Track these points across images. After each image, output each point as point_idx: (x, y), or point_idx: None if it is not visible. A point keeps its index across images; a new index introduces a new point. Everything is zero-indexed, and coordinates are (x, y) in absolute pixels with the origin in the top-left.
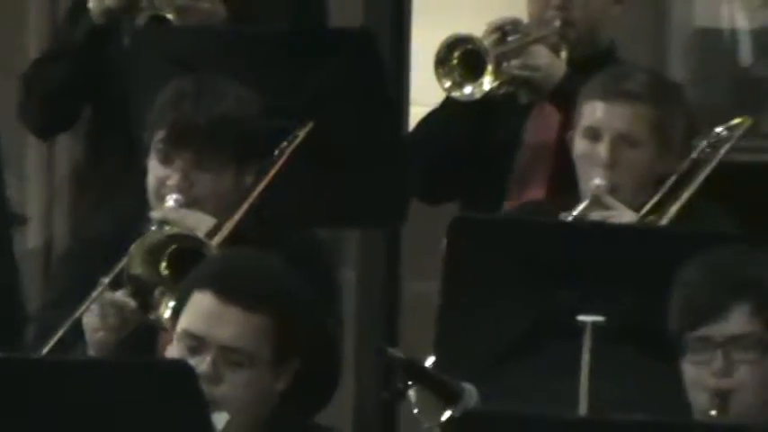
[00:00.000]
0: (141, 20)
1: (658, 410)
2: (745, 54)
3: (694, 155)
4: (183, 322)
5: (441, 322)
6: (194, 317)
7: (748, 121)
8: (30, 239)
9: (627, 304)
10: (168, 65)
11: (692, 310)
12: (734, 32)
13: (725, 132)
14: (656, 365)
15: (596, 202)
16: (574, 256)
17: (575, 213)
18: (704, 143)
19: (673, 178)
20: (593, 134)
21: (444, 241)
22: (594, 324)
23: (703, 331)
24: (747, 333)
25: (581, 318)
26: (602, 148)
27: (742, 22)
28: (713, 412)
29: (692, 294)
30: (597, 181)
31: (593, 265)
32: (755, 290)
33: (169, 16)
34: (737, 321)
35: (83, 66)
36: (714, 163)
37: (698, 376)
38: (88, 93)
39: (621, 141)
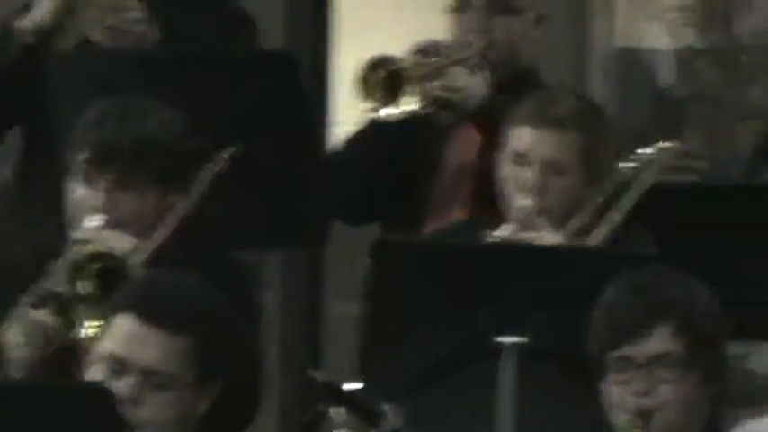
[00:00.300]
0: (70, 41)
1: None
2: (665, 74)
3: (621, 177)
4: (106, 344)
5: (363, 344)
6: (117, 339)
7: (676, 145)
8: None
9: (548, 325)
10: (92, 86)
11: (614, 330)
12: (654, 52)
13: (652, 155)
14: (578, 386)
15: (522, 225)
16: (495, 278)
17: (500, 235)
18: (631, 165)
19: (598, 202)
20: (521, 159)
21: (366, 263)
22: (516, 345)
23: (625, 351)
24: (668, 352)
25: (502, 339)
26: (530, 174)
27: (662, 41)
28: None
29: (613, 314)
30: (524, 202)
31: (514, 287)
32: (676, 309)
33: (98, 38)
34: (658, 341)
35: (10, 84)
36: (642, 187)
37: (620, 396)
38: (15, 112)
39: (549, 168)
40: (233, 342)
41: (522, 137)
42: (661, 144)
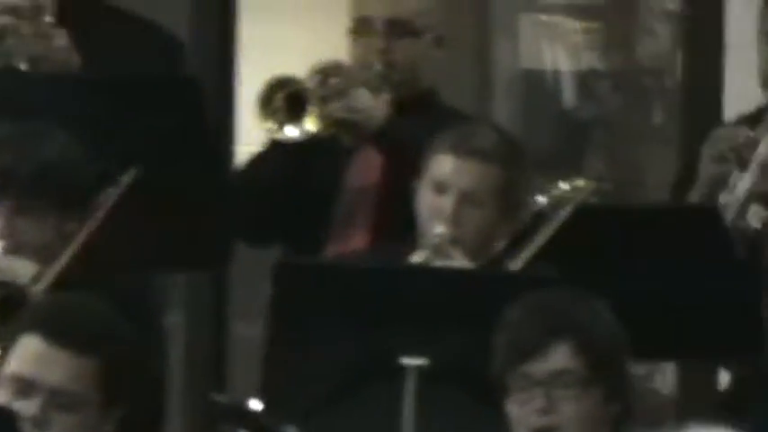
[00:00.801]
0: None
1: None
2: (568, 96)
3: (534, 209)
4: (11, 366)
5: (266, 365)
6: (22, 360)
7: (592, 185)
8: None
9: (451, 347)
10: None
11: (514, 349)
12: (557, 74)
13: (569, 192)
14: (482, 408)
15: (437, 251)
16: (398, 299)
17: (414, 262)
18: (546, 201)
19: (513, 234)
20: (440, 187)
21: (269, 285)
22: (418, 366)
23: (525, 369)
24: (568, 370)
25: (404, 360)
26: (447, 203)
27: (565, 64)
28: None
29: (513, 333)
30: (439, 230)
31: (417, 308)
32: (576, 328)
33: (22, 66)
34: (558, 358)
35: None
36: (555, 225)
37: (521, 415)
38: None
39: (466, 199)
40: (138, 364)
41: (442, 165)
42: (578, 182)
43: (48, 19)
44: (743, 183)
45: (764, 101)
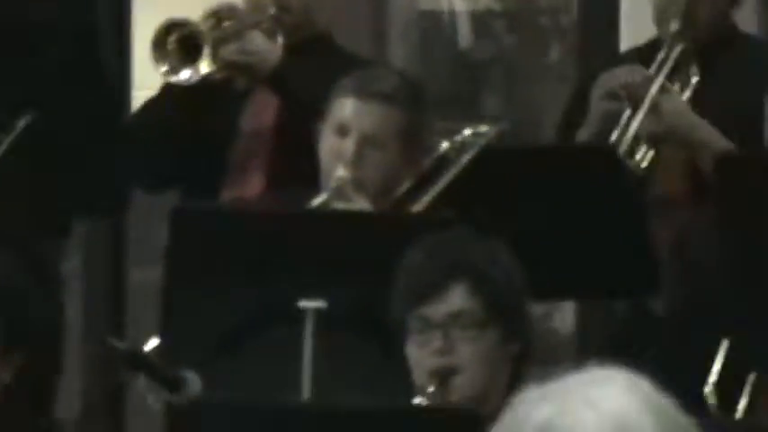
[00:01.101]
0: None
1: (383, 395)
2: (464, 37)
3: (437, 154)
4: None
5: (164, 311)
6: None
7: (494, 130)
8: None
9: (350, 290)
10: None
11: (412, 291)
12: (453, 15)
13: (470, 137)
14: (381, 351)
15: (338, 194)
16: (296, 243)
17: (315, 204)
18: (448, 145)
19: (415, 178)
20: (342, 130)
21: (166, 230)
22: (316, 310)
23: (423, 311)
24: (464, 310)
25: (303, 304)
26: (349, 145)
27: (461, 4)
28: (431, 389)
29: (411, 275)
30: (341, 172)
31: (315, 252)
32: (472, 269)
33: None
34: (455, 300)
35: None
36: (457, 169)
37: (419, 357)
38: None
39: (368, 141)
40: (35, 312)
41: (344, 107)
42: (480, 128)
43: None
44: (634, 122)
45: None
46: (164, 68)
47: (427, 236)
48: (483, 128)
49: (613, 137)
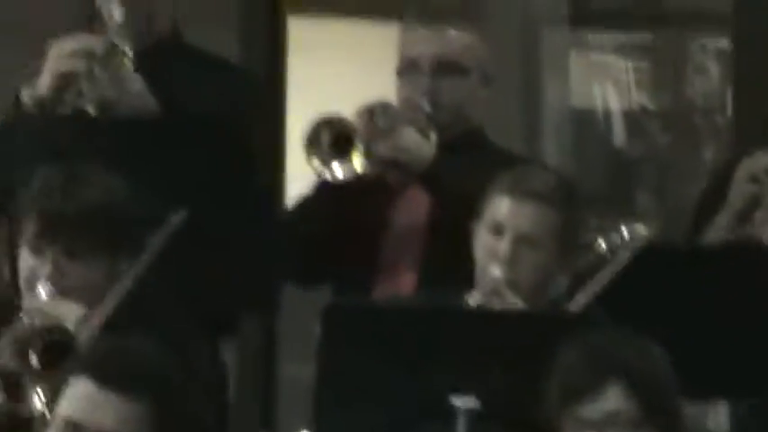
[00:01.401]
0: (63, 111)
1: None
2: (619, 135)
3: (593, 252)
4: (62, 410)
5: (316, 407)
6: (73, 404)
7: (651, 230)
8: None
9: (504, 388)
10: (41, 151)
11: (567, 390)
12: (607, 114)
13: (626, 235)
14: None
15: (493, 294)
16: (450, 341)
17: (470, 303)
18: (604, 245)
19: (568, 278)
20: (497, 229)
21: (319, 327)
22: (469, 407)
23: (578, 411)
24: (621, 411)
25: (456, 401)
26: (504, 245)
27: (615, 102)
28: None
29: (566, 375)
30: (496, 272)
31: (468, 350)
32: (628, 369)
33: (90, 110)
34: (611, 400)
35: None
36: (613, 268)
37: None
38: None
39: (523, 240)
40: (189, 407)
41: (500, 206)
42: (636, 226)
43: (126, 63)
44: None
45: None
46: (317, 164)
47: (582, 335)
48: (639, 227)
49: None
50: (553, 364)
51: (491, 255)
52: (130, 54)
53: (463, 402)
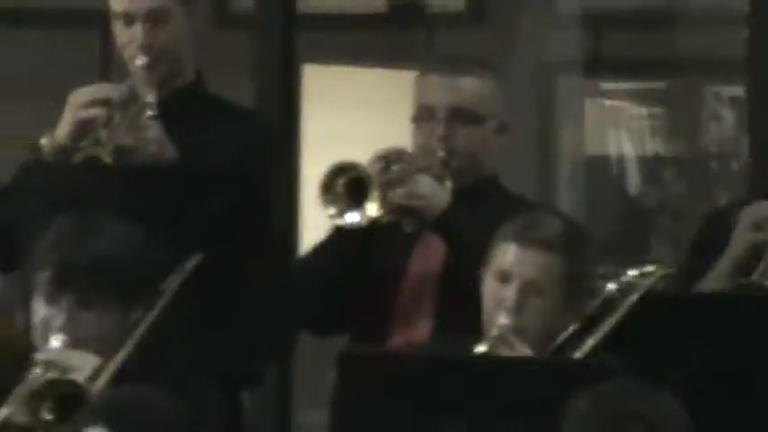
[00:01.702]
0: (78, 159)
1: None
2: (634, 182)
3: (602, 297)
4: None
5: None
6: None
7: (661, 271)
8: None
9: None
10: (56, 200)
11: None
12: (621, 160)
13: (635, 278)
14: None
15: (500, 342)
16: (462, 389)
17: (478, 352)
18: (614, 288)
19: (576, 325)
20: (503, 277)
21: (333, 374)
22: None
23: None
24: None
25: None
26: (510, 293)
27: (629, 149)
28: None
29: (577, 425)
30: (503, 320)
31: (481, 398)
32: (639, 419)
33: (106, 159)
34: None
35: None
36: (621, 313)
37: None
38: None
39: (530, 288)
40: None
41: (506, 254)
42: (647, 268)
43: (145, 110)
44: None
45: None
46: (332, 211)
47: (592, 384)
48: (649, 268)
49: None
50: (565, 412)
51: (498, 302)
52: (151, 101)
53: None
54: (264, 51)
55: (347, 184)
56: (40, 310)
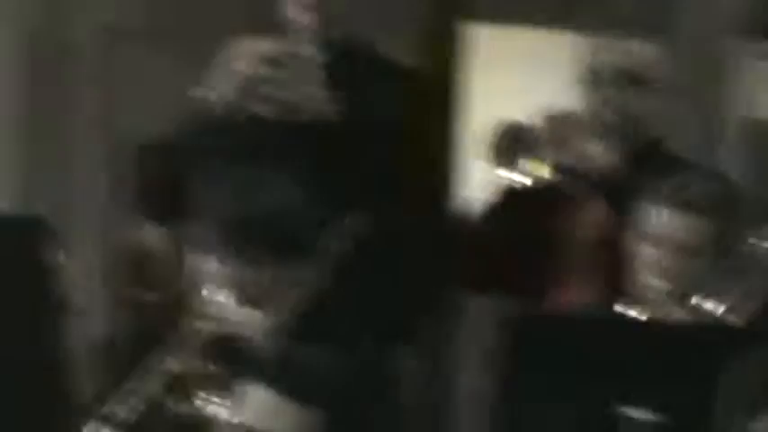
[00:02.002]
0: (243, 115)
1: None
2: None
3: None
4: (239, 417)
5: (492, 418)
6: (251, 412)
7: None
8: (91, 329)
9: (675, 401)
10: (221, 157)
11: (738, 405)
12: None
13: None
14: None
15: (653, 305)
16: (621, 351)
17: (631, 315)
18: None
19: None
20: (654, 239)
21: (494, 338)
22: (644, 420)
23: (753, 426)
24: None
25: (629, 413)
26: (661, 255)
27: None
28: None
29: (739, 390)
30: (655, 283)
31: (640, 361)
32: None
33: (269, 114)
34: None
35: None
36: None
37: None
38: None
39: (681, 251)
40: (363, 415)
41: (658, 218)
42: None
43: (308, 67)
44: None
45: None
46: (500, 171)
47: (752, 348)
48: None
49: None
50: (723, 377)
51: (649, 265)
52: (313, 58)
53: (638, 414)
54: (431, 11)
55: (514, 145)
56: (205, 264)
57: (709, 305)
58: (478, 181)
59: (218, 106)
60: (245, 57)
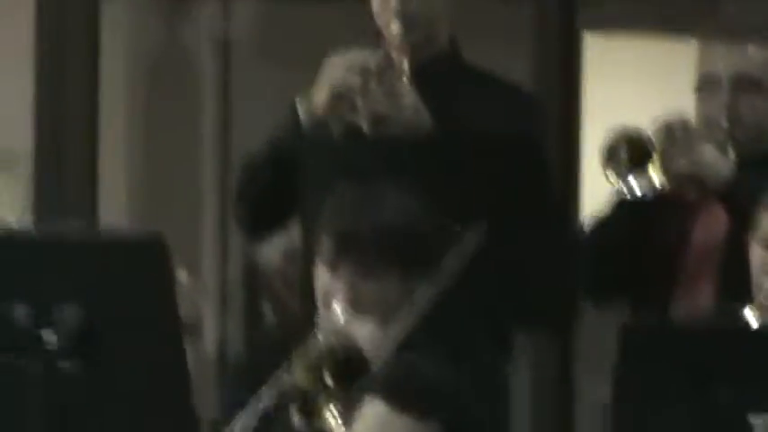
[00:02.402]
0: (337, 127)
1: None
2: None
3: None
4: (356, 430)
5: (613, 425)
6: (367, 425)
7: None
8: (204, 345)
9: None
10: (336, 171)
11: None
12: None
13: None
14: None
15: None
16: (743, 359)
17: (747, 318)
18: None
19: None
20: None
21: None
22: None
23: None
24: None
25: (754, 420)
26: None
27: None
28: None
29: None
30: None
31: (754, 367)
32: None
33: (364, 127)
34: None
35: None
36: None
37: None
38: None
39: None
40: (477, 427)
41: None
42: None
43: (402, 79)
44: None
45: None
46: (614, 179)
47: None
48: None
49: None
50: None
51: (764, 270)
52: (406, 68)
53: (763, 421)
54: (545, 21)
55: (630, 153)
56: (322, 277)
57: None
58: (598, 191)
59: (309, 119)
60: (338, 68)
